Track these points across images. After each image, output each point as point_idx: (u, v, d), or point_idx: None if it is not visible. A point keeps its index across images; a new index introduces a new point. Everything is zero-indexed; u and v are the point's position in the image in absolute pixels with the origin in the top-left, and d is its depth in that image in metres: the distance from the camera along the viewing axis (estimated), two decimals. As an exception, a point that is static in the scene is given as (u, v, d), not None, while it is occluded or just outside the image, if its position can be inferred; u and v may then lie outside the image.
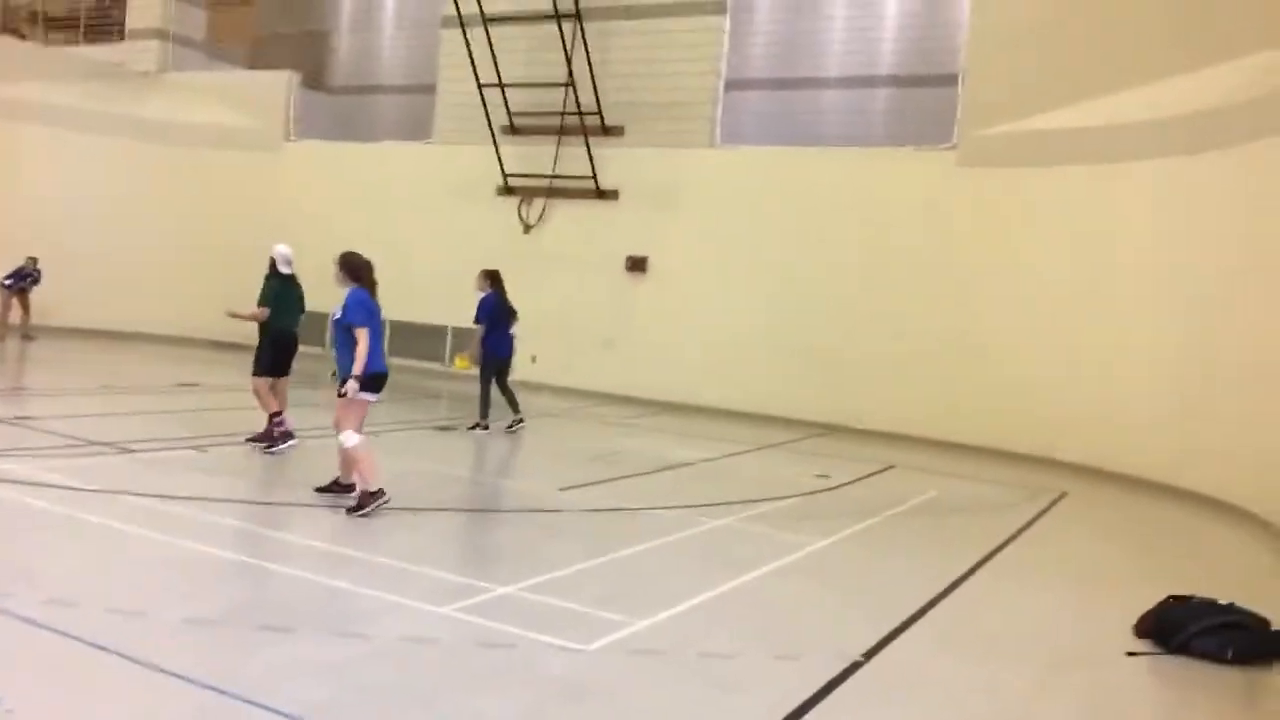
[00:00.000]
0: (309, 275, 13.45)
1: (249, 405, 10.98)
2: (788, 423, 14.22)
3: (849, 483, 10.03)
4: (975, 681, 4.78)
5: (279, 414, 8.90)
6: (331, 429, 7.17)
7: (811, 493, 9.29)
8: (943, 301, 13.79)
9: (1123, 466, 11.56)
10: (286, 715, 3.63)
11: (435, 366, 17.24)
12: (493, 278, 11.46)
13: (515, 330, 11.88)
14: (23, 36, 21.74)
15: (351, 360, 6.88)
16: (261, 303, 8.99)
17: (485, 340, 11.18)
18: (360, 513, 6.73)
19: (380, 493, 6.83)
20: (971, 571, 6.85)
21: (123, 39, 20.56)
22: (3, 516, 6.06)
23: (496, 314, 11.28)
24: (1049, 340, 12.92)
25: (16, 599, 4.50)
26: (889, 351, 14.06)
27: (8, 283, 16.41)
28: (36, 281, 16.56)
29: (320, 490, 7.20)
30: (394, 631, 4.65)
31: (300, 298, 9.30)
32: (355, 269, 7.15)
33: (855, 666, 4.74)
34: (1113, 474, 11.57)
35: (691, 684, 4.39)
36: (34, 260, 16.50)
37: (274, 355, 8.93)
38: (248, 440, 8.89)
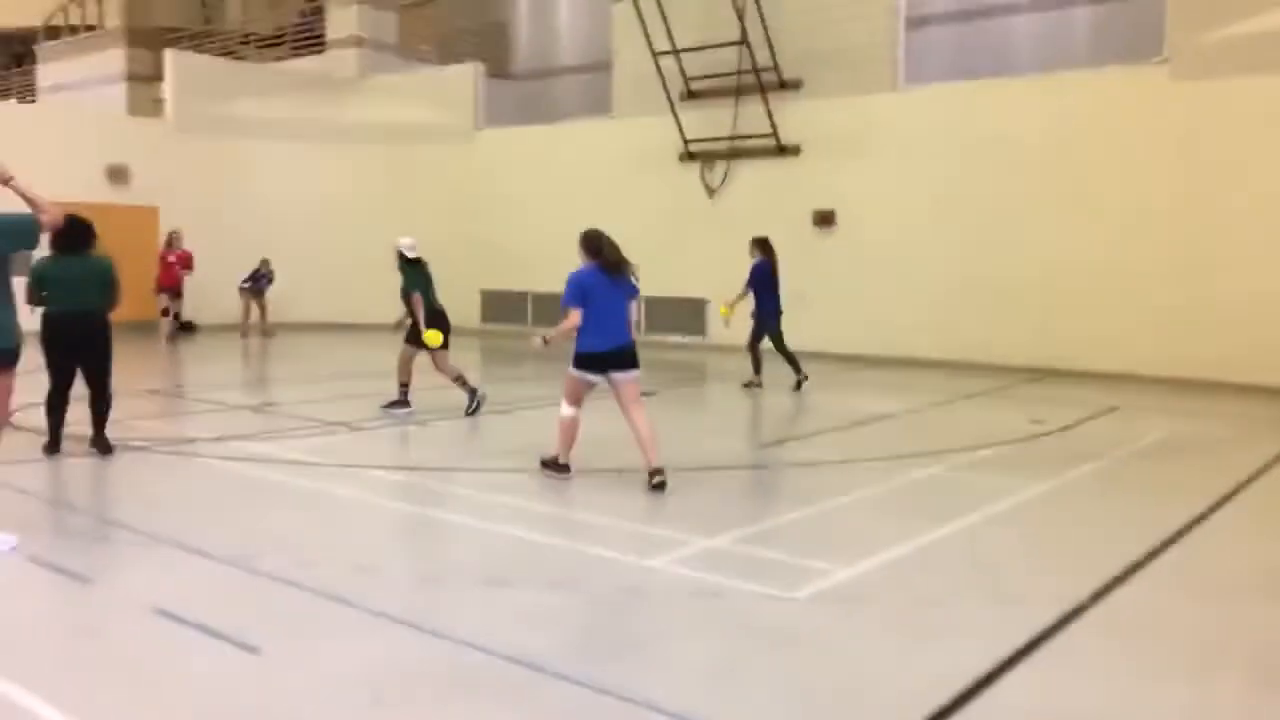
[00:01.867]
0: (504, 256, 13.98)
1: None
2: (994, 369, 13.62)
3: (1067, 427, 9.50)
4: (1219, 623, 4.45)
5: (405, 385, 9.67)
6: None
7: (1026, 439, 8.87)
8: (1160, 229, 12.80)
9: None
10: (508, 659, 3.85)
11: (632, 336, 17.56)
12: (762, 245, 11.90)
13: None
14: (239, 58, 23.62)
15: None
16: (412, 290, 9.66)
17: (757, 305, 11.79)
18: (544, 470, 6.98)
19: (565, 467, 6.89)
20: (1208, 513, 6.35)
21: (323, 50, 21.98)
22: (256, 490, 6.69)
23: (765, 280, 11.77)
24: (1288, 261, 11.77)
25: (268, 560, 4.97)
26: (1103, 287, 13.19)
27: (245, 284, 17.96)
28: (270, 282, 18.04)
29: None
30: (606, 583, 4.81)
31: (429, 277, 9.90)
32: (582, 246, 6.93)
33: (1080, 610, 4.52)
34: (1375, 403, 10.44)
35: (904, 629, 4.32)
36: (266, 262, 17.97)
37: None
38: (383, 407, 9.68)
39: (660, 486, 6.61)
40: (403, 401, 9.69)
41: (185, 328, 17.80)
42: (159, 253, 17.03)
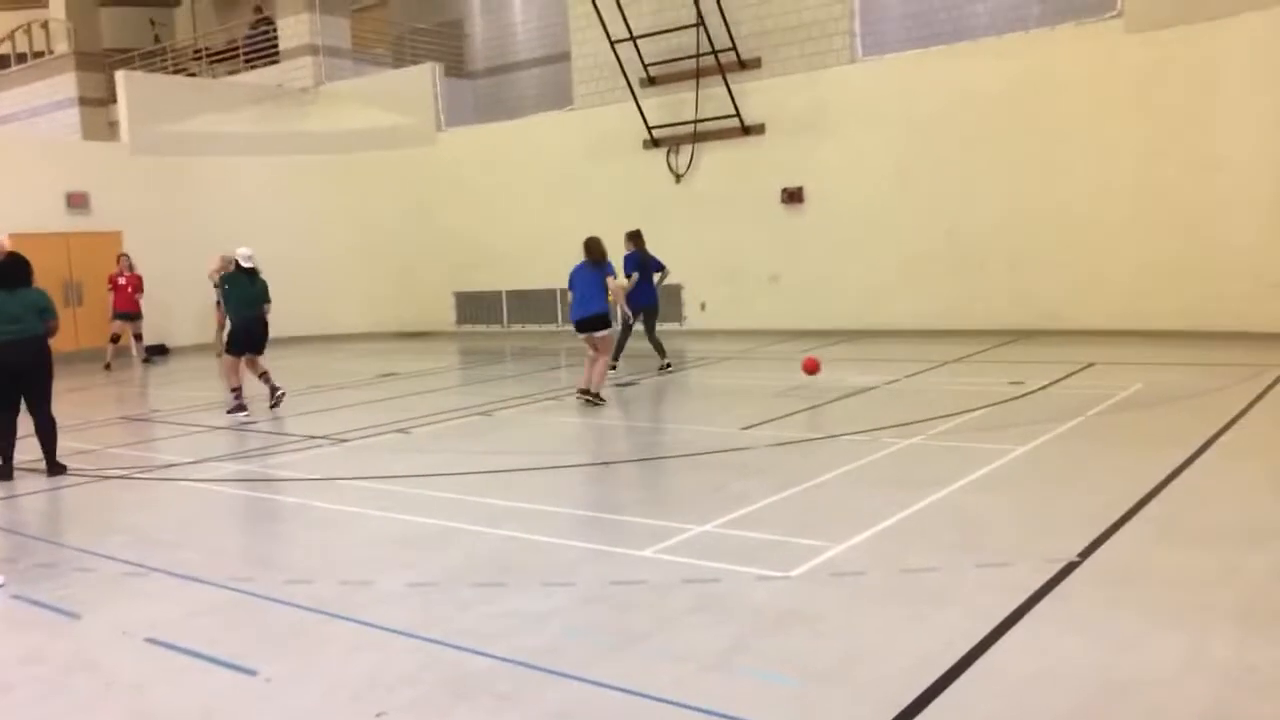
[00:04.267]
0: (475, 256, 13.64)
1: (442, 387, 11.64)
2: (972, 335, 13.71)
3: (1046, 386, 9.58)
4: (1209, 570, 4.50)
5: (238, 388, 10.51)
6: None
7: (1006, 401, 8.93)
8: (1126, 183, 12.91)
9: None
10: (508, 660, 3.84)
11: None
12: (634, 238, 12.21)
13: (659, 282, 12.48)
14: (192, 74, 23.34)
15: None
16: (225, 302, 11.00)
17: (630, 292, 11.78)
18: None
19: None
20: (1189, 461, 6.43)
21: (278, 60, 21.75)
22: (240, 510, 6.64)
23: (636, 269, 11.98)
24: (1250, 206, 11.89)
25: (259, 581, 4.93)
26: (1074, 244, 13.31)
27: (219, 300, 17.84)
28: None
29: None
30: (600, 577, 4.81)
31: (261, 287, 10.76)
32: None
33: (1071, 567, 4.56)
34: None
35: (898, 600, 4.34)
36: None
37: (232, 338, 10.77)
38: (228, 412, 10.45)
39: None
40: (239, 406, 10.38)
41: (154, 350, 17.64)
42: (109, 277, 16.83)
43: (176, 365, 17.03)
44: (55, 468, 7.83)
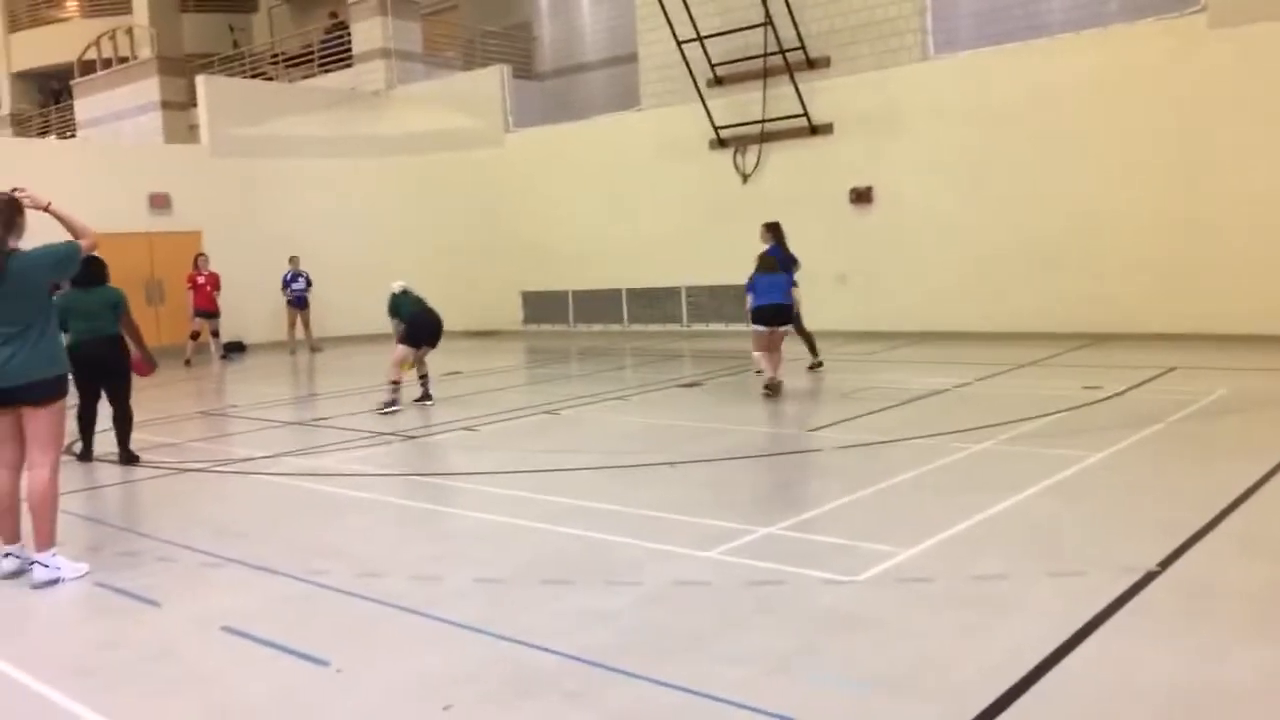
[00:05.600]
0: (543, 256, 13.46)
1: (509, 385, 11.75)
2: (1045, 338, 13.41)
3: (1123, 391, 9.32)
4: (1293, 583, 4.35)
5: (397, 383, 10.38)
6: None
7: (1081, 406, 8.72)
8: (1209, 182, 12.51)
9: None
10: (573, 658, 3.86)
11: (674, 327, 17.55)
12: (773, 230, 11.73)
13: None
14: (269, 78, 23.91)
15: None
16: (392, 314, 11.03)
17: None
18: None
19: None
20: (1275, 470, 6.20)
21: (351, 64, 22.18)
22: (314, 504, 6.78)
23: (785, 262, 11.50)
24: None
25: (332, 575, 5.03)
26: (1154, 244, 12.93)
27: (292, 297, 18.34)
28: (310, 284, 18.37)
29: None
30: (665, 577, 4.81)
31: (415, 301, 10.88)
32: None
33: (1149, 578, 4.43)
34: None
35: (971, 607, 4.26)
36: (295, 260, 18.37)
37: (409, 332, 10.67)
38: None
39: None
40: (392, 400, 10.31)
41: (232, 347, 18.15)
42: (188, 275, 17.37)
43: (253, 362, 17.46)
44: (128, 456, 8.21)
